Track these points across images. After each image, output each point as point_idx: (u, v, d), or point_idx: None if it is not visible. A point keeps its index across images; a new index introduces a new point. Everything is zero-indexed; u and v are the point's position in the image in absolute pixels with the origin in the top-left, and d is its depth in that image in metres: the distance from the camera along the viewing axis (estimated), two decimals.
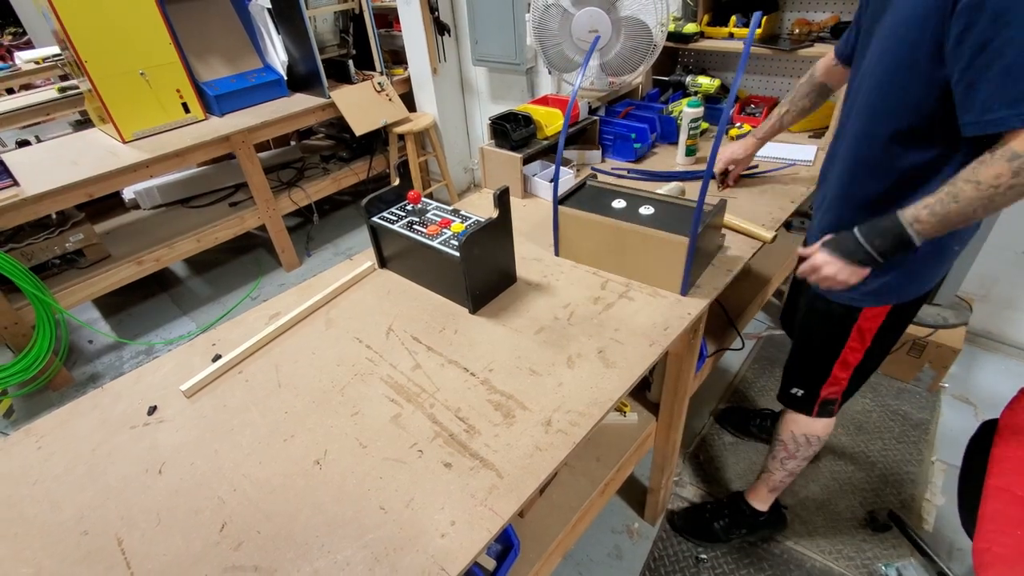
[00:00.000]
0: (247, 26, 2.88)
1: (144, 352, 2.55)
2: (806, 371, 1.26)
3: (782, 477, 1.42)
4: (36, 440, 0.93)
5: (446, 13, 2.99)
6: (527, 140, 1.58)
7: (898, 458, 1.78)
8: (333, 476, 0.81)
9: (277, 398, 0.96)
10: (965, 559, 1.50)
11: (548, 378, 0.95)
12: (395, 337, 1.08)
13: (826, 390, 1.24)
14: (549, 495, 1.23)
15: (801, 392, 1.28)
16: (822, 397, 1.25)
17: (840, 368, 1.19)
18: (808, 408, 1.28)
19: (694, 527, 1.60)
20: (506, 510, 0.74)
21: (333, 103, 2.85)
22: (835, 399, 1.26)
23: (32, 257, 2.29)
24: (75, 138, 2.66)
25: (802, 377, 1.27)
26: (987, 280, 2.06)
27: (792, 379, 1.30)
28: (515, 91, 3.07)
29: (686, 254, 1.06)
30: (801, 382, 1.28)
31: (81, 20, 2.21)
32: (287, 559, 0.71)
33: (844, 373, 1.20)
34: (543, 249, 1.32)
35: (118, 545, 0.75)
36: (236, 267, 3.14)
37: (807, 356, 1.26)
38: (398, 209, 1.24)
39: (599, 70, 1.81)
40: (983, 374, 2.06)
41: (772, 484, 1.45)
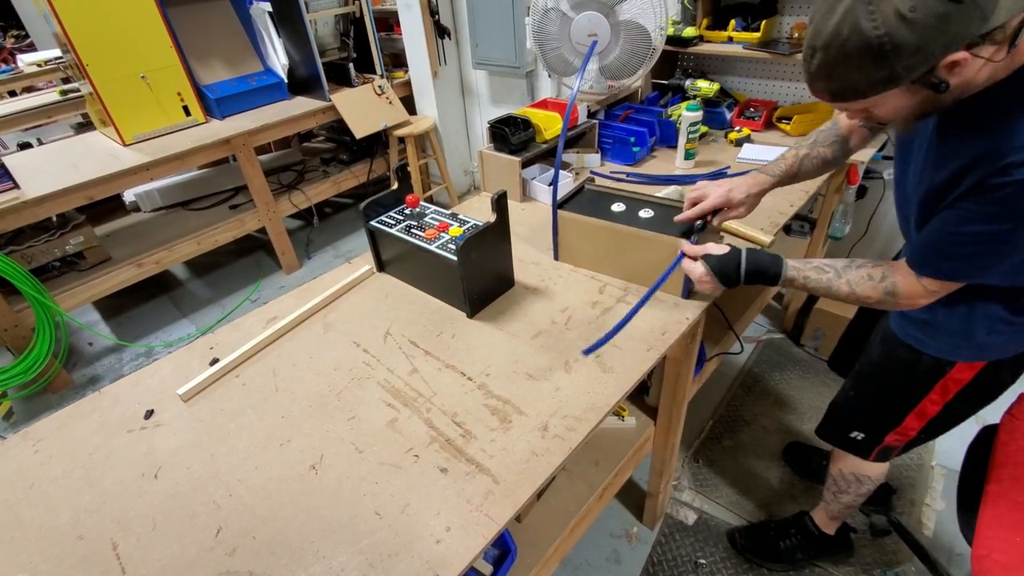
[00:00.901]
0: (248, 29, 2.89)
1: (144, 354, 2.55)
2: (873, 417, 1.18)
3: (839, 509, 1.38)
4: (33, 443, 0.93)
5: (446, 16, 3.00)
6: (526, 144, 1.58)
7: (898, 463, 1.77)
8: (329, 481, 0.81)
9: (274, 402, 0.96)
10: (964, 565, 1.49)
11: (545, 383, 0.95)
12: (392, 341, 1.08)
13: (892, 437, 1.16)
14: (547, 500, 1.22)
15: (862, 436, 1.20)
16: (884, 444, 1.18)
17: (914, 418, 1.11)
18: (865, 453, 1.22)
19: (759, 546, 1.53)
20: (502, 516, 0.74)
21: (333, 106, 2.85)
22: (897, 446, 1.18)
23: (32, 259, 2.30)
24: (76, 141, 2.67)
25: (867, 422, 1.19)
26: None
27: (851, 421, 1.22)
28: (515, 94, 3.07)
29: None
30: (864, 426, 1.20)
31: (83, 23, 2.22)
32: (281, 565, 0.71)
33: (917, 423, 1.12)
34: (541, 253, 1.32)
35: (113, 550, 0.75)
36: (236, 270, 3.15)
37: (877, 402, 1.16)
38: (396, 213, 1.24)
39: (598, 74, 1.81)
40: None
41: (831, 513, 1.42)
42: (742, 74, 2.21)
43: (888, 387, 1.13)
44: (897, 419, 1.12)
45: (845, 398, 1.25)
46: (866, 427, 1.19)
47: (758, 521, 1.63)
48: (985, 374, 1.01)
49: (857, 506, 1.36)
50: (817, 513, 1.47)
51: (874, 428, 1.18)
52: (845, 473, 1.29)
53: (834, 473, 1.33)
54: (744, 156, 1.72)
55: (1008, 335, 0.94)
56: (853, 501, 1.34)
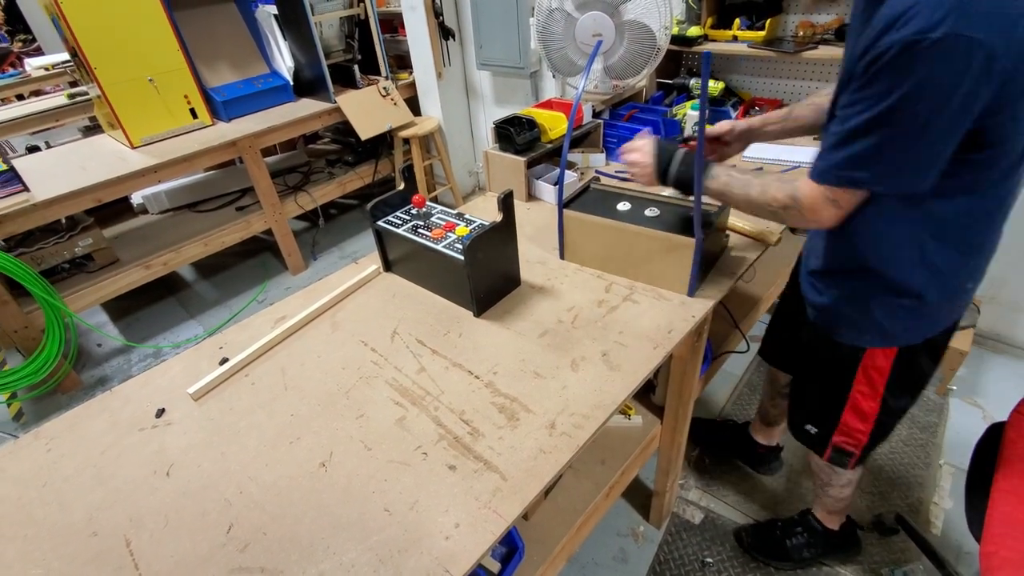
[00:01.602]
0: (254, 32, 2.91)
1: (152, 355, 2.57)
2: (816, 407, 1.20)
3: (831, 501, 1.38)
4: (46, 443, 0.94)
5: (451, 18, 3.01)
6: (531, 144, 1.59)
7: (905, 461, 1.77)
8: (338, 478, 0.82)
9: (283, 401, 0.97)
10: (973, 563, 1.48)
11: (552, 381, 0.95)
12: (400, 340, 1.08)
13: (838, 438, 1.17)
14: (554, 498, 1.23)
15: (815, 430, 1.21)
16: (834, 443, 1.18)
17: (854, 417, 1.11)
18: (820, 449, 1.22)
19: (765, 545, 1.52)
20: (510, 513, 0.75)
21: (339, 108, 2.87)
22: (851, 452, 1.17)
23: (42, 261, 2.32)
24: (84, 144, 2.69)
25: (813, 413, 1.21)
26: (996, 282, 2.05)
27: (802, 412, 1.24)
28: (519, 95, 3.08)
29: (693, 255, 1.06)
30: (813, 418, 1.21)
31: (90, 27, 2.24)
32: (292, 561, 0.72)
33: (862, 425, 1.12)
34: (547, 252, 1.32)
35: (126, 546, 0.76)
36: (243, 271, 3.17)
37: (815, 390, 1.19)
38: (403, 213, 1.25)
39: (603, 73, 1.81)
40: (991, 376, 2.05)
41: (826, 507, 1.41)
42: (747, 73, 2.21)
43: (819, 375, 1.16)
44: (837, 410, 1.13)
45: (794, 386, 1.28)
46: (815, 419, 1.21)
47: (764, 520, 1.63)
48: (902, 360, 1.02)
49: (847, 497, 1.35)
50: (817, 509, 1.47)
51: (821, 421, 1.19)
52: (821, 464, 1.29)
53: (813, 466, 1.35)
54: (749, 155, 1.72)
55: (906, 319, 0.96)
56: (840, 493, 1.34)
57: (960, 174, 0.79)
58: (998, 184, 0.82)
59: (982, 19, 0.65)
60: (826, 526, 1.45)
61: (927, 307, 0.94)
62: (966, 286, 0.95)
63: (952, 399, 1.98)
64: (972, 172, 0.79)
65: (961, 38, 0.65)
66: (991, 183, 0.82)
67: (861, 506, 1.64)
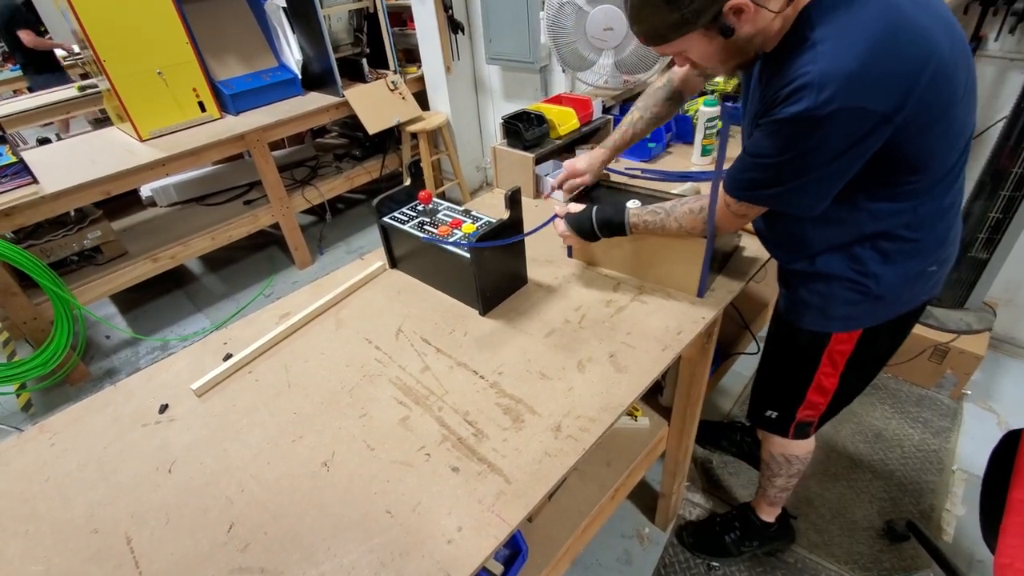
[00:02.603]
0: (262, 25, 2.90)
1: (159, 348, 2.58)
2: (780, 393, 1.22)
3: (775, 493, 1.40)
4: (50, 437, 0.94)
5: (460, 11, 2.98)
6: (540, 140, 1.57)
7: (918, 467, 1.74)
8: (340, 478, 0.81)
9: (286, 398, 0.96)
10: (985, 572, 1.46)
11: (558, 382, 0.94)
12: (404, 338, 1.07)
13: (802, 413, 1.20)
14: (558, 500, 1.21)
15: (775, 415, 1.24)
16: (797, 420, 1.21)
17: (816, 393, 1.15)
18: (783, 430, 1.24)
19: (705, 542, 1.56)
20: (514, 517, 0.73)
21: (347, 102, 2.86)
22: (811, 421, 1.21)
23: (51, 254, 2.33)
24: (94, 136, 2.70)
25: (776, 399, 1.23)
26: (1012, 285, 2.01)
27: (764, 400, 1.26)
28: (528, 90, 3.05)
29: (703, 255, 1.04)
30: (775, 404, 1.24)
31: (100, 20, 2.24)
32: (293, 561, 0.71)
33: (822, 398, 1.16)
34: (555, 250, 1.30)
35: (127, 543, 0.76)
36: (250, 265, 3.17)
37: (779, 379, 1.22)
38: (409, 209, 1.23)
39: (614, 68, 1.79)
40: (1007, 381, 2.01)
41: (768, 499, 1.43)
42: None
43: (785, 364, 1.19)
44: (800, 394, 1.17)
45: (758, 378, 1.30)
46: (777, 405, 1.23)
47: (704, 517, 1.65)
48: (865, 341, 1.05)
49: (791, 488, 1.39)
50: (757, 502, 1.49)
51: (784, 405, 1.22)
52: (775, 455, 1.32)
53: (765, 457, 1.36)
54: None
55: (865, 306, 0.99)
56: (786, 484, 1.37)
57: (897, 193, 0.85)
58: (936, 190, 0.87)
59: (871, 89, 0.70)
60: (763, 519, 1.48)
61: (884, 293, 0.97)
62: (927, 269, 0.97)
63: (966, 404, 1.94)
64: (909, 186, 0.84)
65: (854, 110, 0.71)
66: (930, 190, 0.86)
67: (872, 511, 1.62)
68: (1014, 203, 1.71)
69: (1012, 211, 1.73)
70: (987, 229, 1.79)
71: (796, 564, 1.51)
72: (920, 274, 0.97)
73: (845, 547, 1.54)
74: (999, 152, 1.69)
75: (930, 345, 1.91)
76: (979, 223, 1.79)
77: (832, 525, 1.59)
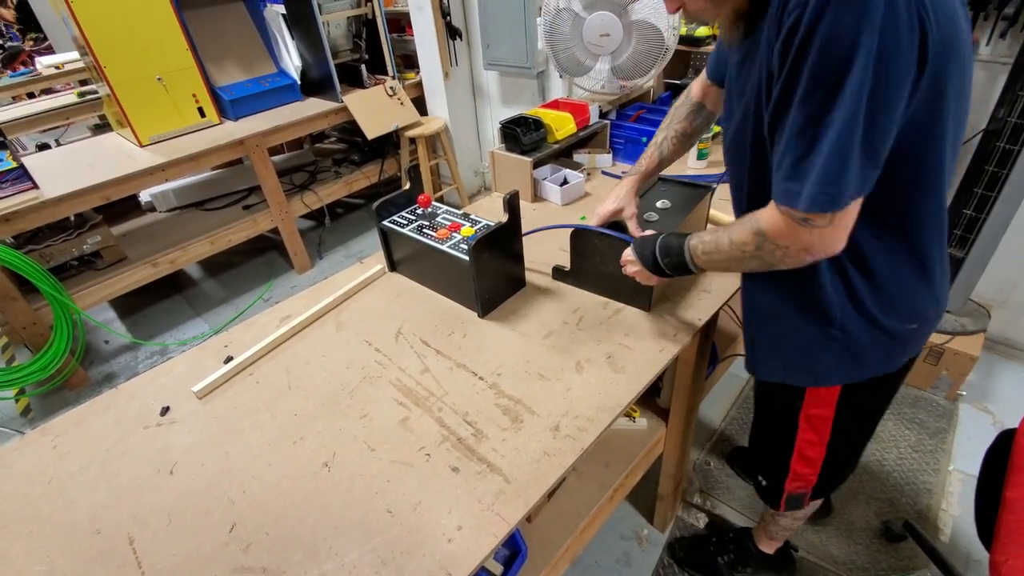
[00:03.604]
0: (262, 31, 2.92)
1: (158, 352, 2.58)
2: (766, 460, 1.14)
3: (777, 531, 1.35)
4: (52, 439, 0.94)
5: (458, 18, 3.01)
6: (537, 144, 1.58)
7: (914, 467, 1.75)
8: (341, 479, 0.82)
9: (287, 400, 0.97)
10: (982, 571, 1.47)
11: (556, 383, 0.95)
12: (404, 340, 1.08)
13: (791, 485, 1.11)
14: (557, 500, 1.22)
15: (765, 483, 1.16)
16: (787, 492, 1.13)
17: (801, 463, 1.05)
18: (774, 502, 1.16)
19: (696, 560, 1.52)
20: (513, 515, 0.74)
21: (345, 107, 2.87)
22: (803, 493, 1.12)
23: (51, 258, 2.33)
24: (93, 142, 2.71)
25: (764, 466, 1.16)
26: (1006, 285, 2.03)
27: (756, 464, 1.19)
28: (526, 95, 3.07)
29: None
30: (764, 471, 1.16)
31: (101, 26, 2.25)
32: (295, 561, 0.72)
33: (809, 469, 1.06)
34: (553, 254, 1.31)
35: (130, 544, 0.76)
36: (249, 269, 3.18)
37: (765, 443, 1.14)
38: (408, 213, 1.25)
39: (610, 73, 1.81)
40: (1002, 382, 2.02)
41: (770, 534, 1.38)
42: None
43: (765, 426, 1.12)
44: (784, 464, 1.07)
45: (750, 438, 1.21)
46: (766, 472, 1.16)
47: (701, 534, 1.61)
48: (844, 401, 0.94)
49: (795, 529, 1.33)
50: (757, 532, 1.43)
51: (772, 474, 1.13)
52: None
53: None
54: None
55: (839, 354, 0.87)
56: (790, 524, 1.31)
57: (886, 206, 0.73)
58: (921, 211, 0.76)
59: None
60: (761, 549, 1.43)
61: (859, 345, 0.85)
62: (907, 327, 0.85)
63: (962, 404, 1.95)
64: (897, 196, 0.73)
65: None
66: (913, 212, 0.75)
67: (869, 512, 1.63)
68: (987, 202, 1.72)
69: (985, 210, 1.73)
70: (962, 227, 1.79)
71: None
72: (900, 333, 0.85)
73: (843, 547, 1.55)
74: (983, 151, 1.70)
75: (926, 347, 1.92)
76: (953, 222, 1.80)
77: (829, 526, 1.60)
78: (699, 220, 1.23)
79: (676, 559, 1.55)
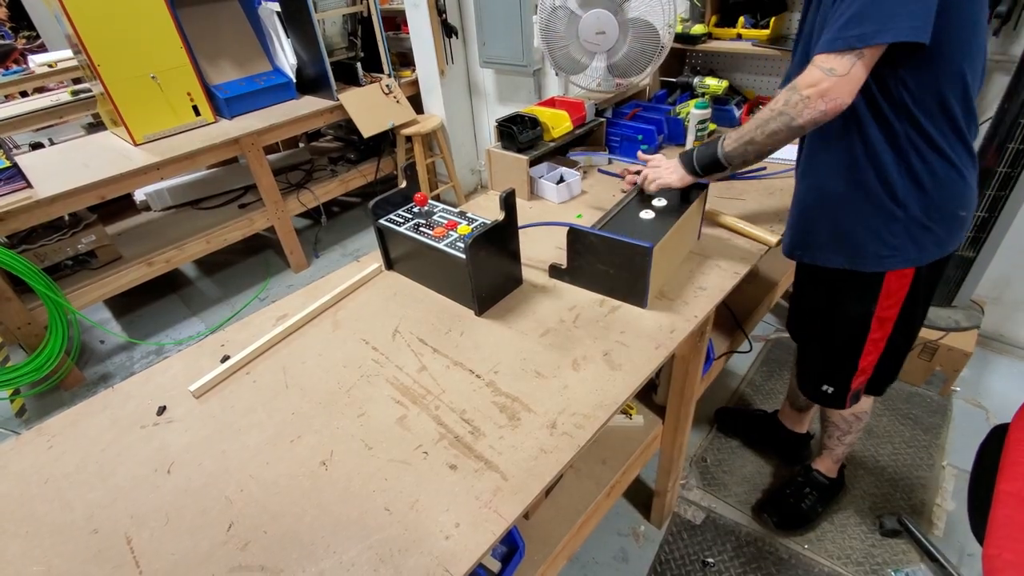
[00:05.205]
0: (257, 29, 2.91)
1: (154, 352, 2.57)
2: (832, 365, 1.26)
3: (843, 450, 1.50)
4: (47, 439, 0.94)
5: (454, 15, 3.00)
6: (534, 142, 1.58)
7: (908, 463, 1.76)
8: (339, 477, 0.82)
9: (284, 399, 0.97)
10: (975, 565, 1.48)
11: (553, 380, 0.95)
12: (401, 339, 1.08)
13: (857, 381, 1.25)
14: (555, 497, 1.23)
15: (832, 390, 1.28)
16: (853, 389, 1.26)
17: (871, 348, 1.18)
18: (840, 403, 1.30)
19: (789, 518, 1.58)
20: (511, 513, 0.74)
21: (341, 105, 2.87)
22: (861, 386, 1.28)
23: (45, 258, 2.32)
24: (87, 141, 2.70)
25: (828, 373, 1.28)
26: (1000, 282, 2.04)
27: (820, 377, 1.30)
28: (522, 93, 3.07)
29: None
30: (831, 379, 1.28)
31: (94, 24, 2.24)
32: (293, 559, 0.72)
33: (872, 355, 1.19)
34: (550, 252, 1.32)
35: (127, 544, 0.76)
36: (245, 268, 3.17)
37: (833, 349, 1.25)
38: (405, 211, 1.25)
39: (606, 71, 1.81)
40: (995, 378, 2.04)
41: (836, 457, 1.53)
42: (751, 71, 2.20)
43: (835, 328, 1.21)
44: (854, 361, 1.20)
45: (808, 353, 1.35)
46: (832, 379, 1.28)
47: (771, 495, 1.67)
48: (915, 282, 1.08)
49: (856, 441, 1.49)
50: (822, 462, 1.56)
51: (839, 378, 1.26)
52: (846, 415, 1.40)
53: (834, 419, 1.43)
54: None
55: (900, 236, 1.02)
56: (854, 439, 1.47)
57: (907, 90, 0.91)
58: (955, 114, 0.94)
59: None
60: (829, 476, 1.55)
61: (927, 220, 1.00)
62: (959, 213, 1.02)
63: (955, 400, 1.97)
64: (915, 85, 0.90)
65: None
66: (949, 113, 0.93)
67: (864, 507, 1.64)
68: (999, 202, 1.74)
69: (997, 210, 1.76)
70: (974, 228, 1.82)
71: (789, 559, 1.53)
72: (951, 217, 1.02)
73: (837, 542, 1.56)
74: (984, 152, 1.72)
75: (919, 343, 1.94)
76: None
77: (825, 521, 1.61)
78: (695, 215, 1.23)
79: (771, 527, 1.59)
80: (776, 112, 0.95)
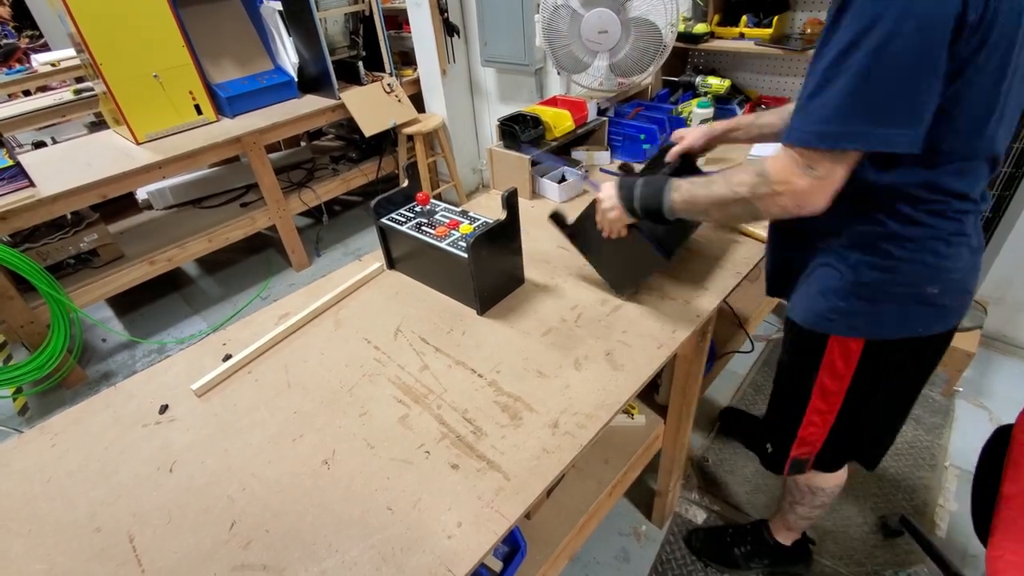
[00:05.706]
0: (259, 28, 2.91)
1: (156, 351, 2.58)
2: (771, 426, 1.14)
3: (795, 520, 1.34)
4: (50, 438, 0.94)
5: (455, 14, 3.00)
6: (536, 141, 1.58)
7: (911, 463, 1.76)
8: (341, 476, 0.82)
9: (286, 398, 0.97)
10: (978, 566, 1.48)
11: (555, 380, 0.95)
12: (403, 338, 1.08)
13: (797, 450, 1.09)
14: (556, 497, 1.23)
15: (771, 448, 1.15)
16: (792, 458, 1.11)
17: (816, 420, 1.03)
18: (778, 468, 1.15)
19: (713, 550, 1.52)
20: (513, 512, 0.74)
21: (343, 104, 2.86)
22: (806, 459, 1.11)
23: (47, 257, 2.33)
24: (90, 139, 2.70)
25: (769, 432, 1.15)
26: (1002, 282, 2.03)
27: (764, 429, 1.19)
28: (524, 92, 3.07)
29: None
30: (771, 437, 1.15)
31: (97, 23, 2.24)
32: (295, 558, 0.72)
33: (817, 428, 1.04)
34: (551, 251, 1.32)
35: (130, 542, 0.76)
36: (247, 267, 3.17)
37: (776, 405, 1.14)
38: (407, 210, 1.25)
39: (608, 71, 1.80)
40: (998, 378, 2.03)
41: (787, 524, 1.38)
42: (754, 70, 2.20)
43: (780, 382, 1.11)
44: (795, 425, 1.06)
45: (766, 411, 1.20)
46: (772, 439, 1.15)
47: (717, 526, 1.61)
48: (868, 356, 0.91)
49: (813, 519, 1.32)
50: (775, 522, 1.43)
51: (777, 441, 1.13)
52: (800, 483, 1.24)
53: (789, 483, 1.28)
54: (755, 153, 1.71)
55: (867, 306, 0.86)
56: (809, 513, 1.29)
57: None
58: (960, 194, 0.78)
59: None
60: (778, 540, 1.42)
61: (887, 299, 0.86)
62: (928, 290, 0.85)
63: (958, 401, 1.96)
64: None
65: None
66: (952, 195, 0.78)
67: (865, 507, 1.64)
68: (1003, 203, 1.74)
69: (1001, 211, 1.75)
70: None
71: None
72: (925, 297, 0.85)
73: (840, 543, 1.55)
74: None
75: None
76: None
77: (826, 521, 1.61)
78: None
79: (693, 549, 1.56)
80: (739, 197, 0.80)
